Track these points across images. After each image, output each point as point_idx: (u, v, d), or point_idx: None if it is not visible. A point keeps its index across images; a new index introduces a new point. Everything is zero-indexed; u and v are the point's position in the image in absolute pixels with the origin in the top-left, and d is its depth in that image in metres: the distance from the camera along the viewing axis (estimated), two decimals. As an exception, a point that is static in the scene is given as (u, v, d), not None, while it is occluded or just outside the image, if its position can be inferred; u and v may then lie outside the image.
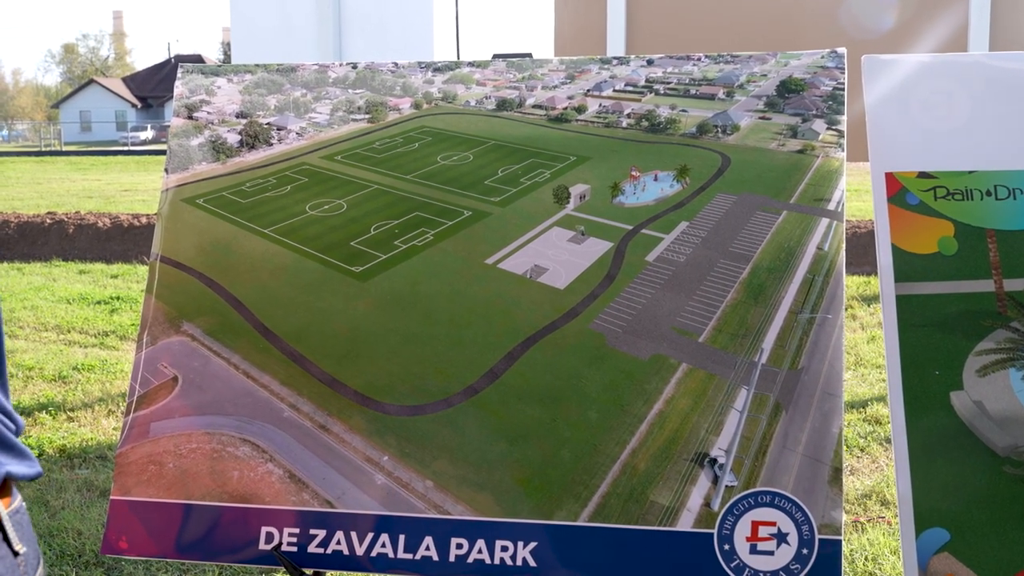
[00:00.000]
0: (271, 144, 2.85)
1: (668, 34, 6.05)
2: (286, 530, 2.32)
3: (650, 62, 2.70)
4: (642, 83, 2.63)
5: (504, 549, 2.20)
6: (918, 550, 2.15)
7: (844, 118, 2.42)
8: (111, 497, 2.43)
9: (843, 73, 2.50)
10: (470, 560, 2.23)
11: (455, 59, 2.58)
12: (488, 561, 2.22)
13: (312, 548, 2.31)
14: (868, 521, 4.20)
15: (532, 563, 2.20)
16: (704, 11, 6.07)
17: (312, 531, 2.32)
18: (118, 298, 9.85)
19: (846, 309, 7.96)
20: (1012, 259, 2.27)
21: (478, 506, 2.22)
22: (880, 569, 3.75)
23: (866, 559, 3.86)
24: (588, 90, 2.66)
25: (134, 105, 74.19)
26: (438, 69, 2.93)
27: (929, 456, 2.18)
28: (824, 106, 2.46)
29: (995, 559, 2.13)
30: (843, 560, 3.89)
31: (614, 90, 2.61)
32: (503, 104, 2.77)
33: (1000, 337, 2.24)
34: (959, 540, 2.14)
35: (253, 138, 2.83)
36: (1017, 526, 2.15)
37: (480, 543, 2.22)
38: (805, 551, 2.13)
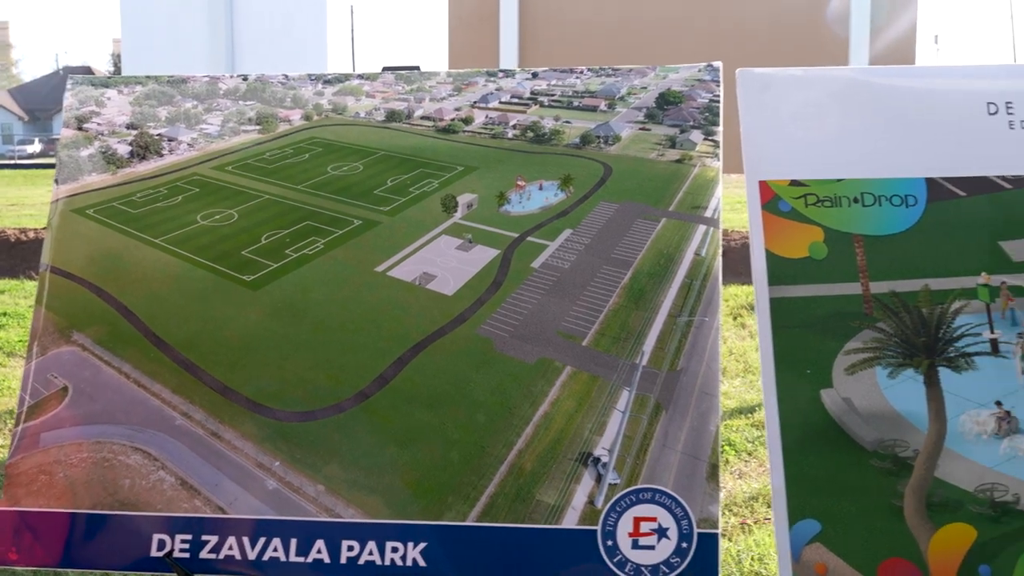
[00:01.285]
0: (162, 155, 3.00)
1: (559, 51, 6.35)
2: (178, 537, 2.47)
3: (535, 75, 2.92)
4: (527, 95, 2.85)
5: (395, 550, 2.34)
6: (791, 541, 2.36)
7: (720, 129, 2.66)
8: (0, 508, 2.59)
9: (719, 86, 2.74)
10: (361, 562, 2.39)
11: (348, 72, 2.77)
12: (379, 562, 2.35)
13: (204, 554, 2.45)
14: (755, 523, 4.45)
15: (422, 563, 2.36)
16: (593, 28, 6.39)
17: (204, 537, 2.46)
18: (5, 314, 9.79)
19: (736, 317, 8.30)
20: (878, 263, 2.51)
21: (369, 509, 2.35)
22: (766, 568, 4.00)
23: (752, 559, 4.11)
24: (475, 102, 2.86)
25: (21, 118, 72.96)
26: (328, 81, 3.10)
27: (801, 451, 2.40)
28: (701, 117, 2.70)
29: (863, 548, 2.33)
30: (731, 561, 4.16)
31: (500, 102, 2.82)
32: (392, 116, 2.93)
33: (867, 337, 2.48)
34: (830, 530, 2.32)
35: (144, 149, 2.99)
36: (884, 516, 2.39)
37: (371, 545, 2.36)
38: (684, 545, 2.33)
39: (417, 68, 2.90)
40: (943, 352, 2.42)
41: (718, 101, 2.68)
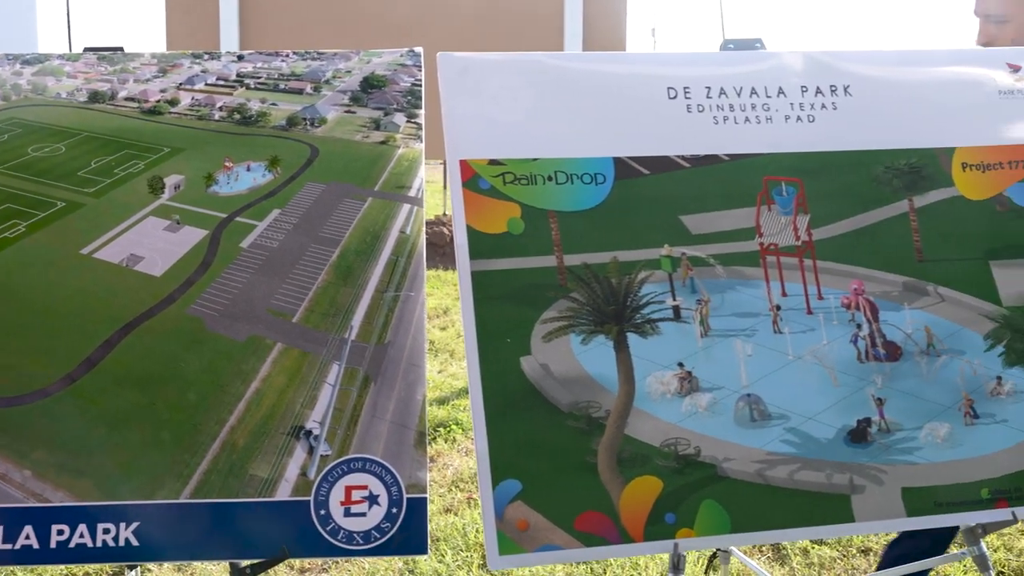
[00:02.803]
0: None
1: (280, 34, 6.67)
2: None
3: (240, 58, 3.16)
4: (233, 77, 3.08)
5: (106, 531, 2.47)
6: (495, 500, 2.61)
7: (422, 112, 3.04)
8: None
9: (420, 70, 3.10)
10: (72, 545, 2.47)
11: (47, 53, 2.93)
12: (91, 544, 2.47)
13: (-96, 548, 2.60)
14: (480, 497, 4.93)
15: (135, 543, 2.47)
16: (314, 11, 6.73)
17: (-97, 529, 2.61)
18: None
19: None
20: (571, 237, 2.82)
21: (78, 492, 2.48)
22: (492, 540, 4.49)
23: (477, 531, 4.54)
24: (181, 84, 3.10)
25: None
26: (27, 62, 3.22)
27: (503, 416, 2.64)
28: (404, 101, 3.03)
29: (561, 503, 2.62)
30: (458, 535, 4.58)
31: (206, 84, 3.09)
32: (95, 96, 3.03)
33: (562, 306, 2.80)
34: (530, 489, 2.62)
35: None
36: (579, 473, 2.69)
37: (82, 527, 2.48)
38: (395, 510, 2.57)
39: (120, 49, 3.13)
40: (631, 319, 2.86)
41: (420, 85, 3.04)
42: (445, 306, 9.63)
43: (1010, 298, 3.04)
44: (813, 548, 4.50)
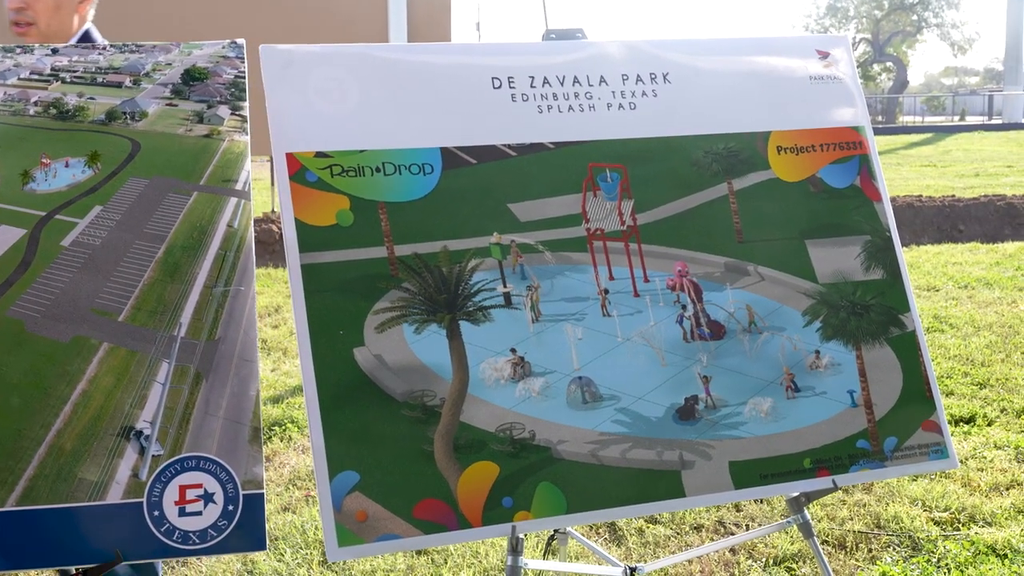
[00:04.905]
0: None
1: (116, 30, 6.54)
2: None
3: (55, 51, 3.10)
4: (48, 71, 3.04)
5: None
6: (332, 493, 2.70)
7: (246, 104, 3.01)
8: None
9: (243, 62, 3.09)
10: None
11: None
12: None
13: None
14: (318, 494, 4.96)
15: None
16: (131, 4, 6.62)
17: None
18: None
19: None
20: (400, 228, 2.90)
21: None
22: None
23: (316, 528, 4.55)
24: (-9, 78, 3.04)
25: None
26: None
27: (338, 408, 2.66)
28: (227, 93, 3.02)
29: (399, 492, 2.64)
30: (296, 532, 4.58)
31: (19, 79, 3.02)
32: None
33: (394, 297, 2.88)
34: (368, 479, 2.64)
35: None
36: (416, 461, 2.78)
37: None
38: (231, 507, 2.59)
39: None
40: (463, 307, 2.90)
41: (243, 77, 3.03)
42: (276, 304, 9.55)
43: (825, 275, 3.20)
44: (648, 527, 4.64)
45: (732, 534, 4.61)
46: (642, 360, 2.95)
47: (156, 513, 2.54)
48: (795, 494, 3.10)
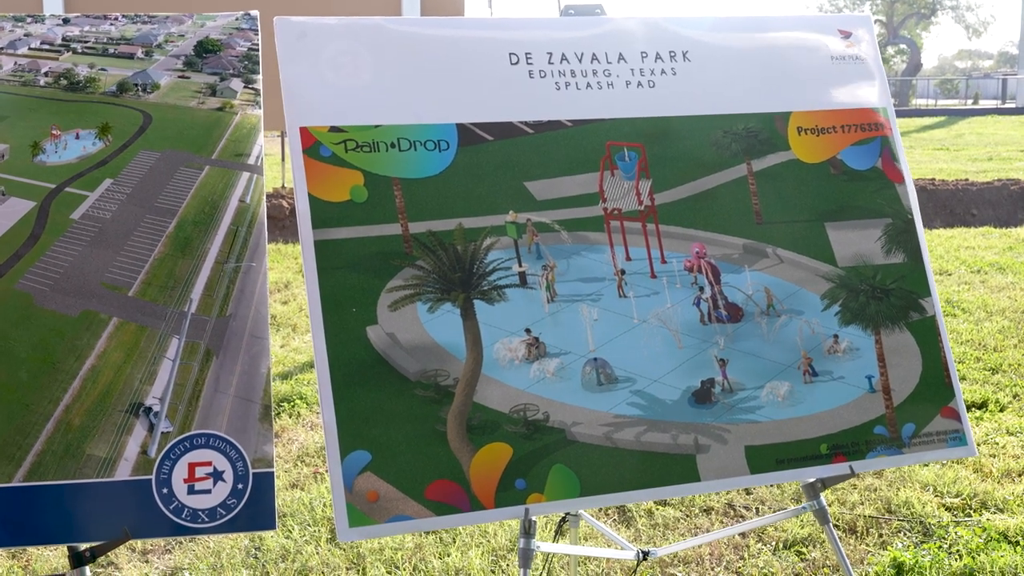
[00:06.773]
0: None
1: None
2: None
3: (67, 21, 3.07)
4: (59, 42, 3.00)
5: None
6: (344, 472, 2.66)
7: (260, 77, 2.97)
8: None
9: (257, 34, 3.04)
10: None
11: None
12: None
13: None
14: (327, 471, 4.93)
15: None
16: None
17: None
18: None
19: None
20: (415, 205, 2.85)
21: None
22: (340, 514, 4.49)
23: (324, 505, 4.54)
24: (2, 48, 2.98)
25: None
26: None
27: (350, 386, 2.64)
28: (240, 66, 2.97)
29: (411, 472, 2.62)
30: (304, 509, 4.56)
31: (30, 48, 2.98)
32: None
33: (408, 275, 2.85)
34: (379, 459, 2.62)
35: None
36: (428, 442, 2.76)
37: None
38: (240, 486, 2.56)
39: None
40: (477, 286, 2.87)
41: (257, 49, 2.98)
42: (286, 279, 9.52)
43: (845, 259, 3.15)
44: (658, 509, 4.60)
45: (742, 516, 4.57)
46: (658, 342, 2.91)
47: (165, 491, 2.51)
48: (811, 480, 3.06)
